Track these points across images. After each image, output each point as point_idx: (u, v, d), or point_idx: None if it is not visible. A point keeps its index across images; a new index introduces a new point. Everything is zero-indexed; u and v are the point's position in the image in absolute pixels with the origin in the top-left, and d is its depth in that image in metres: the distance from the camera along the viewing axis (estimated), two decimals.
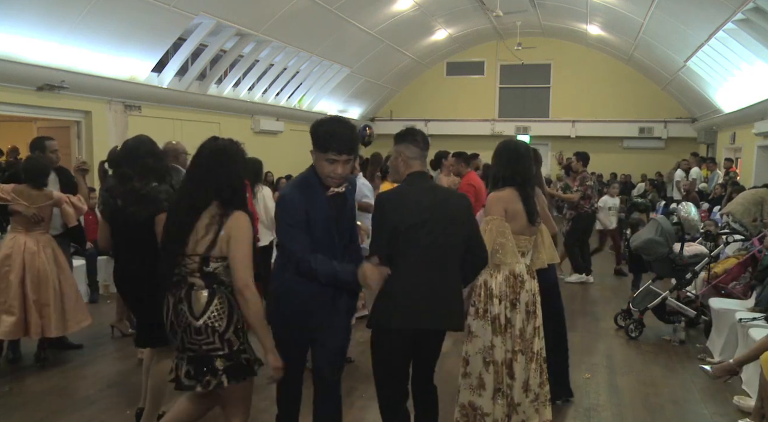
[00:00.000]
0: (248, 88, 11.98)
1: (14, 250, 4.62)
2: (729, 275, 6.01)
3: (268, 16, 10.09)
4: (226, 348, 2.66)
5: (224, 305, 2.68)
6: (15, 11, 6.69)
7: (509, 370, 3.30)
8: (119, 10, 7.68)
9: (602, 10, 12.58)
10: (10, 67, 6.88)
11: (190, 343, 2.67)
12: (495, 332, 3.29)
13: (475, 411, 3.31)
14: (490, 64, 17.73)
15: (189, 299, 2.66)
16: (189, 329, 2.65)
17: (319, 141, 2.93)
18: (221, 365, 2.65)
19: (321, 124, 3.00)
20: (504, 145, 3.53)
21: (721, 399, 4.45)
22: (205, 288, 2.66)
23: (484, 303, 3.31)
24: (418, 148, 3.07)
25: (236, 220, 2.66)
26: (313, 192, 2.86)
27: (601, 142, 16.80)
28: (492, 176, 3.48)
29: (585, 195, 8.16)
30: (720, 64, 10.81)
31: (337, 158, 2.84)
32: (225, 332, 2.66)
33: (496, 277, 3.31)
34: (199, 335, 2.64)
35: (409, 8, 12.61)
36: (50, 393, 4.40)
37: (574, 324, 6.51)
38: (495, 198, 3.36)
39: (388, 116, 18.43)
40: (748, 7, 8.02)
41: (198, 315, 2.63)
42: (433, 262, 2.91)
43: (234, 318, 2.69)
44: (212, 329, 2.64)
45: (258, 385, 4.47)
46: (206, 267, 2.66)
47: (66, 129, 8.49)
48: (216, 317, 2.65)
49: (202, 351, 2.65)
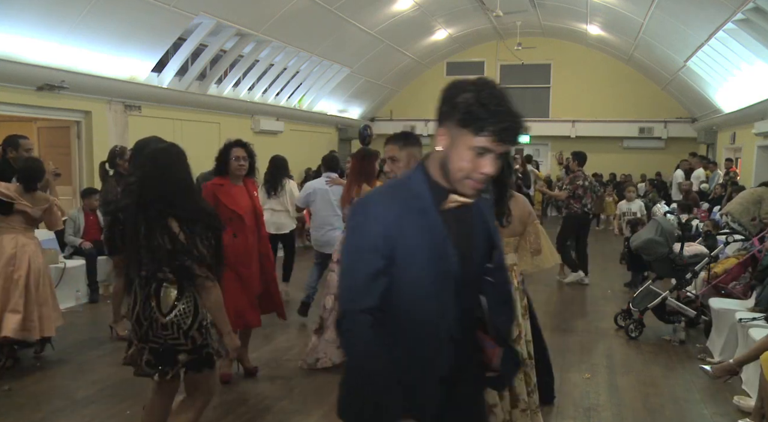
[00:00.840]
0: (248, 88, 11.98)
1: (18, 250, 4.68)
2: (729, 275, 6.01)
3: (268, 16, 10.09)
4: (190, 344, 2.81)
5: (190, 304, 2.81)
6: (15, 11, 6.69)
7: None
8: (119, 10, 7.67)
9: (602, 10, 12.58)
10: (10, 67, 6.88)
11: (155, 336, 2.79)
12: None
13: None
14: (490, 64, 17.72)
15: (158, 296, 2.78)
16: (155, 324, 2.78)
17: (467, 113, 1.64)
18: (183, 358, 2.81)
19: (472, 86, 1.66)
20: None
21: (721, 399, 4.45)
22: (175, 285, 2.79)
23: None
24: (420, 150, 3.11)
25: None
26: (412, 206, 1.74)
27: (601, 142, 16.81)
28: None
29: (575, 195, 8.14)
30: (720, 64, 10.81)
31: (493, 148, 1.67)
32: (189, 329, 2.80)
33: None
34: (165, 330, 2.78)
35: (409, 8, 12.61)
36: (50, 393, 4.40)
37: (574, 324, 6.52)
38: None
39: (388, 116, 18.43)
40: (748, 7, 8.02)
41: (165, 312, 2.77)
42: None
43: (199, 316, 2.84)
44: (177, 326, 2.78)
45: (260, 385, 4.49)
46: (176, 262, 2.77)
47: (66, 129, 8.48)
48: (182, 315, 2.79)
49: (167, 344, 2.79)
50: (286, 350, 5.32)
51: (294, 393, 4.42)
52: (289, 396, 4.36)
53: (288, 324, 6.17)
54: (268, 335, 5.63)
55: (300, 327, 6.11)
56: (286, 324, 6.16)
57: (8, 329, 4.58)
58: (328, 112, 15.60)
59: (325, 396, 4.36)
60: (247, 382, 4.59)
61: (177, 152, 2.90)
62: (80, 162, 8.43)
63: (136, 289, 2.86)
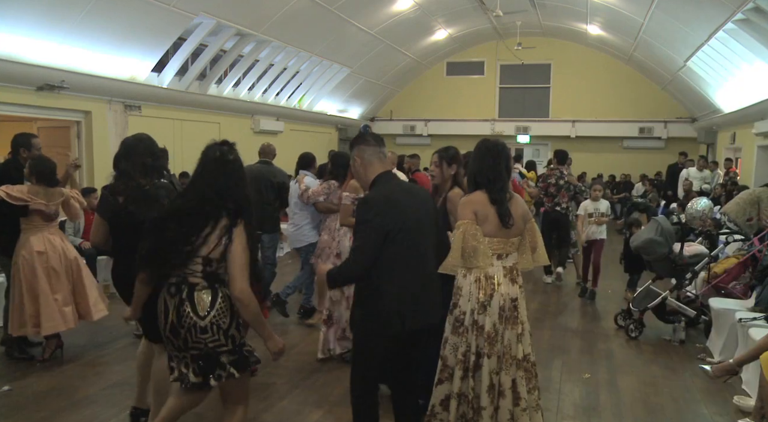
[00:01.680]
0: (248, 88, 11.98)
1: (47, 246, 4.84)
2: (729, 275, 6.01)
3: (268, 16, 10.09)
4: (230, 344, 2.76)
5: (227, 302, 2.77)
6: (15, 11, 6.69)
7: (471, 373, 3.25)
8: (119, 10, 7.67)
9: (602, 10, 12.58)
10: (10, 67, 6.88)
11: (195, 342, 2.73)
12: (453, 330, 3.31)
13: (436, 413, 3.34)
14: (490, 64, 17.73)
15: (192, 300, 2.73)
16: (194, 328, 2.72)
17: None
18: (227, 359, 2.75)
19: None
20: (477, 144, 3.47)
21: (721, 399, 4.45)
22: (208, 288, 2.75)
23: (452, 298, 3.34)
24: (371, 146, 3.11)
25: (240, 229, 2.75)
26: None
27: (601, 142, 16.82)
28: (468, 176, 3.48)
29: (547, 193, 8.11)
30: (720, 64, 10.81)
31: None
32: (229, 328, 2.76)
33: (467, 277, 3.30)
34: (205, 333, 2.72)
35: (409, 8, 12.61)
36: (51, 392, 4.40)
37: (574, 324, 6.52)
38: (463, 202, 3.36)
39: (388, 116, 18.43)
40: (748, 7, 8.02)
41: (203, 315, 2.72)
42: (420, 261, 3.01)
43: (236, 314, 2.79)
44: (217, 326, 2.73)
45: (260, 385, 4.49)
46: (209, 268, 2.75)
47: (66, 129, 8.48)
48: (221, 315, 2.74)
49: (208, 348, 2.73)
50: (286, 349, 5.32)
51: (294, 392, 4.42)
52: (289, 396, 4.37)
53: (288, 324, 6.18)
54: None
55: (300, 327, 6.11)
56: (286, 323, 6.17)
57: (70, 321, 4.89)
58: (328, 112, 15.61)
59: (325, 396, 4.36)
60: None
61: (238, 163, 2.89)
62: (79, 160, 8.42)
63: (165, 298, 2.79)
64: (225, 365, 2.75)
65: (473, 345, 3.26)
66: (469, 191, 3.43)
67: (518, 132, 17.29)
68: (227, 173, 2.79)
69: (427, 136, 17.94)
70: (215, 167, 2.80)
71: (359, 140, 3.15)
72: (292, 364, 4.97)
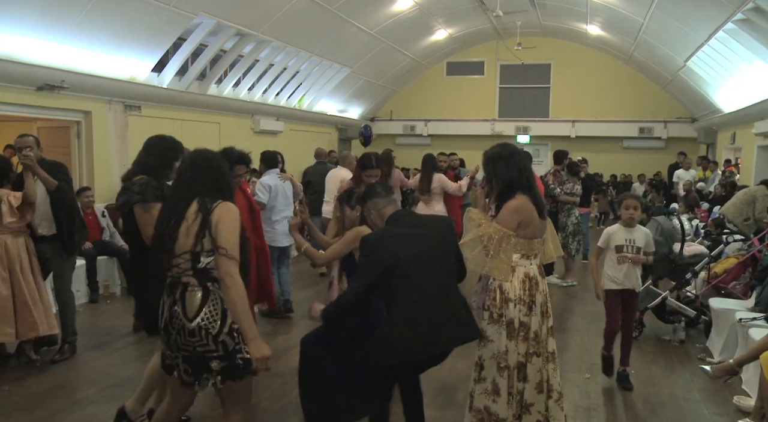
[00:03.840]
0: (248, 88, 11.97)
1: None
2: (729, 275, 6.01)
3: (268, 16, 10.09)
4: (221, 350, 2.64)
5: (217, 306, 2.66)
6: (14, 11, 6.69)
7: (521, 373, 3.30)
8: (119, 10, 7.67)
9: (602, 10, 12.58)
10: (10, 67, 6.87)
11: (184, 344, 2.67)
12: (509, 336, 3.28)
13: (490, 416, 3.31)
14: (490, 64, 17.73)
15: (183, 301, 2.66)
16: (183, 331, 2.65)
17: None
18: (216, 366, 2.65)
19: None
20: (508, 150, 3.43)
21: (721, 399, 4.45)
22: (200, 288, 2.66)
23: (499, 308, 3.30)
24: (382, 198, 3.27)
25: (224, 207, 2.69)
26: None
27: (601, 142, 16.81)
28: (502, 182, 3.36)
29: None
30: (720, 64, 10.81)
31: None
32: (219, 334, 2.64)
33: (511, 281, 3.29)
34: (193, 337, 2.64)
35: (409, 8, 12.61)
36: (50, 393, 4.40)
37: (574, 323, 6.52)
38: (514, 209, 3.27)
39: (388, 116, 18.43)
40: (748, 7, 8.02)
41: (191, 317, 2.63)
42: (434, 290, 3.04)
43: (228, 319, 2.66)
44: (205, 331, 2.62)
45: (259, 385, 4.49)
46: (198, 264, 2.66)
47: (66, 129, 8.48)
48: (209, 319, 2.63)
49: (197, 352, 2.65)
50: (286, 350, 5.32)
51: (294, 393, 4.41)
52: (289, 396, 4.37)
53: (288, 324, 6.18)
54: (268, 335, 5.63)
55: (299, 327, 6.11)
56: (285, 323, 6.18)
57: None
58: (328, 112, 15.60)
59: None
60: None
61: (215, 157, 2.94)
62: (80, 162, 8.42)
63: (164, 296, 2.76)
64: (213, 371, 2.65)
65: (521, 347, 3.28)
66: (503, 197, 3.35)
67: (518, 132, 17.28)
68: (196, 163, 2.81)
69: (427, 136, 17.94)
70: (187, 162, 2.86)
71: (371, 195, 3.30)
72: (292, 364, 4.96)
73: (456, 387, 4.58)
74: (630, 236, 4.59)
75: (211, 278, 2.68)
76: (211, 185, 2.75)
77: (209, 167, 2.80)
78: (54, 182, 4.74)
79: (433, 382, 4.55)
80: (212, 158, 2.87)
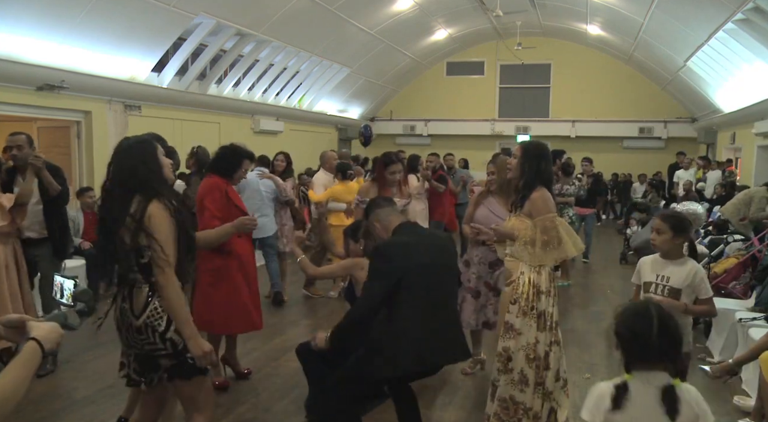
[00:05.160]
0: (248, 88, 11.98)
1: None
2: (729, 275, 6.01)
3: (268, 16, 10.09)
4: (170, 348, 2.58)
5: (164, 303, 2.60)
6: (14, 11, 6.69)
7: (545, 362, 3.38)
8: (119, 10, 7.67)
9: (602, 10, 12.58)
10: (10, 67, 6.88)
11: (133, 342, 2.62)
12: (540, 328, 3.36)
13: (516, 405, 3.37)
14: (490, 64, 17.73)
15: (131, 298, 2.61)
16: (131, 328, 2.60)
17: None
18: (165, 363, 2.60)
19: None
20: (534, 147, 3.64)
21: (721, 399, 4.45)
22: (145, 284, 2.59)
23: (531, 300, 3.36)
24: (383, 208, 3.31)
25: (154, 207, 2.58)
26: None
27: (601, 142, 16.80)
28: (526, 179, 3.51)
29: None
30: (720, 64, 10.81)
31: None
32: (166, 331, 2.57)
33: (541, 272, 3.37)
34: (140, 334, 2.57)
35: (409, 8, 12.61)
36: (50, 393, 4.40)
37: (574, 323, 6.52)
38: (546, 197, 3.44)
39: (388, 116, 18.43)
40: (748, 7, 8.02)
41: (138, 314, 2.57)
42: (437, 302, 3.05)
43: None
44: (152, 328, 2.56)
45: (259, 384, 4.49)
46: (141, 259, 2.58)
47: (66, 129, 8.49)
48: (155, 316, 2.56)
49: (145, 350, 2.60)
50: (285, 350, 5.31)
51: (294, 392, 4.42)
52: (289, 396, 4.36)
53: (287, 324, 6.18)
54: (268, 335, 5.63)
55: (298, 326, 6.11)
56: (285, 324, 6.18)
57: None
58: (328, 112, 15.60)
59: None
60: (246, 382, 4.59)
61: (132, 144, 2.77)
62: (80, 162, 8.43)
63: (115, 293, 2.71)
64: (159, 369, 2.61)
65: (548, 337, 3.37)
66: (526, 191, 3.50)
67: (518, 132, 17.28)
68: (131, 155, 2.68)
69: (427, 136, 17.94)
70: (124, 153, 2.71)
71: (372, 207, 3.35)
72: (292, 364, 4.96)
73: (456, 387, 4.58)
74: (663, 272, 3.27)
75: (150, 272, 2.61)
76: (143, 180, 2.64)
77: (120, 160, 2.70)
78: (58, 187, 4.64)
79: (432, 382, 4.54)
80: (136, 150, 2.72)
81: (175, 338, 2.58)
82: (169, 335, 2.57)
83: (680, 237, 3.22)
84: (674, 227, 3.20)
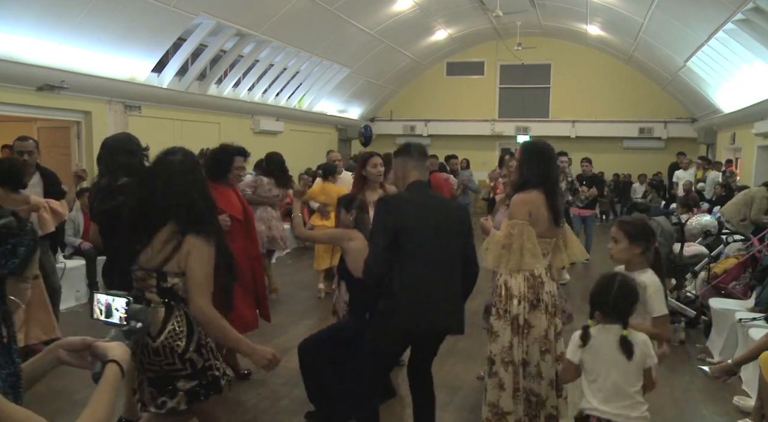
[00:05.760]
0: (248, 89, 11.98)
1: None
2: (729, 275, 6.01)
3: (268, 17, 10.09)
4: (189, 368, 2.52)
5: (182, 323, 2.53)
6: (14, 11, 6.69)
7: (527, 369, 3.34)
8: (119, 10, 7.67)
9: (602, 10, 12.58)
10: (10, 67, 6.88)
11: (149, 364, 2.53)
12: (514, 332, 3.33)
13: (500, 409, 3.36)
14: (490, 65, 17.73)
15: None
16: (147, 350, 2.51)
17: None
18: (183, 386, 2.52)
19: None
20: (532, 146, 3.52)
21: (721, 399, 4.45)
22: (162, 305, 2.52)
23: (504, 303, 3.34)
24: (414, 159, 3.22)
25: (195, 240, 2.50)
26: None
27: (601, 142, 16.81)
28: (520, 178, 3.42)
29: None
30: (720, 64, 10.81)
31: None
32: (185, 351, 2.51)
33: (515, 277, 3.33)
34: (158, 356, 2.50)
35: (409, 8, 12.61)
36: (50, 393, 4.39)
37: (574, 323, 6.50)
38: (520, 201, 3.31)
39: (388, 116, 18.43)
40: (748, 7, 8.02)
41: (155, 335, 2.48)
42: (434, 265, 3.02)
43: (194, 336, 2.54)
44: (170, 349, 2.49)
45: (259, 385, 4.49)
46: (164, 283, 2.53)
47: (66, 129, 8.48)
48: (174, 336, 2.49)
49: (164, 371, 2.52)
50: (286, 350, 5.31)
51: (294, 392, 4.42)
52: (289, 396, 4.37)
53: (287, 325, 6.18)
54: (268, 335, 5.63)
55: (299, 325, 6.11)
56: (285, 324, 6.17)
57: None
58: (328, 112, 15.61)
59: None
60: (246, 383, 4.59)
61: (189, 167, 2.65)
62: (80, 162, 8.42)
63: None
64: (177, 392, 2.51)
65: (524, 344, 3.33)
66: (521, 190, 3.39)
67: (518, 132, 17.28)
68: (186, 179, 2.56)
69: (427, 136, 17.95)
70: (175, 172, 2.57)
71: (404, 152, 3.26)
72: (291, 364, 4.95)
73: (456, 386, 4.58)
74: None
75: (177, 298, 2.54)
76: (187, 207, 2.53)
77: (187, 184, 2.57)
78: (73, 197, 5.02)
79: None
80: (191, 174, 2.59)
81: (195, 357, 2.53)
82: (189, 355, 2.51)
83: (637, 245, 2.94)
84: (630, 235, 2.95)
